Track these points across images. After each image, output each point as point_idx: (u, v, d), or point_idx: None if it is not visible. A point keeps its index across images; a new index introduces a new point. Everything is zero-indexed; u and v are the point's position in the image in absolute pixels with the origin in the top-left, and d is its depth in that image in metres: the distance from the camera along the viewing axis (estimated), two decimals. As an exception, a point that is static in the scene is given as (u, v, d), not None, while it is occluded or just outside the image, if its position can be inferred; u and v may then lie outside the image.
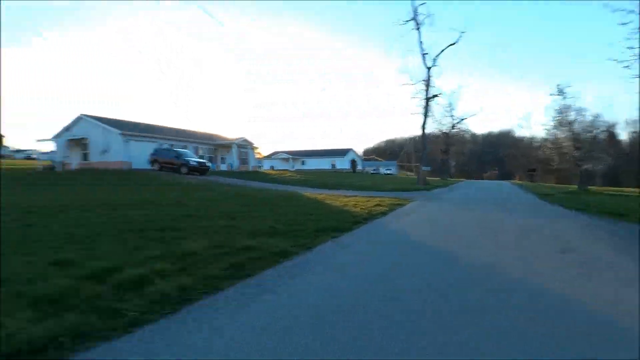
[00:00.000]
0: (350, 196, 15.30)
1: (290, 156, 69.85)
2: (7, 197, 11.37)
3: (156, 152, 28.14)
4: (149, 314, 2.88)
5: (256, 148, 46.48)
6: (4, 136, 59.82)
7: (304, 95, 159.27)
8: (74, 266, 3.87)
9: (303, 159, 69.75)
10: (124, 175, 23.20)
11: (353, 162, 65.38)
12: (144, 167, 27.79)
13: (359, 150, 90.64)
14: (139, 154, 28.55)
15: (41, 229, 6.14)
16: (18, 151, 55.55)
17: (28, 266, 3.84)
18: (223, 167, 37.63)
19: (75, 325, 2.51)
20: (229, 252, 4.82)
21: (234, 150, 39.57)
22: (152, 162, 27.69)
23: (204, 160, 28.83)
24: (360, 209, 10.49)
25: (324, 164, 67.13)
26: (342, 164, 66.44)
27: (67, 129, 31.36)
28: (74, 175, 24.09)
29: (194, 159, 27.65)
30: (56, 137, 31.68)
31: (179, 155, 27.26)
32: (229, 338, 2.52)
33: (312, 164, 67.19)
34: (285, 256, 4.84)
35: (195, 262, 4.32)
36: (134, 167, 28.11)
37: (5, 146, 56.35)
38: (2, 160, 39.40)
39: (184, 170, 26.11)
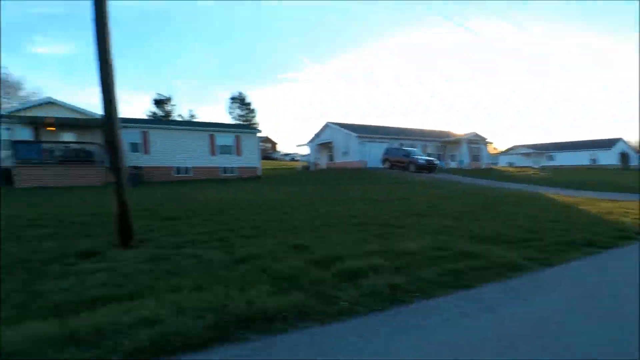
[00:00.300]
0: (617, 201, 11.73)
1: (533, 150, 60.07)
2: (275, 195, 14.63)
3: (387, 151, 30.13)
4: (358, 306, 2.98)
5: (490, 143, 42.54)
6: (276, 143, 78.62)
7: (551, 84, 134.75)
8: (307, 251, 4.51)
9: (550, 153, 58.67)
10: (360, 174, 25.87)
11: (624, 156, 50.63)
12: (377, 165, 30.26)
13: (633, 139, 69.01)
14: (373, 154, 31.39)
15: (291, 218, 7.52)
16: (286, 154, 71.48)
17: (276, 247, 4.73)
18: (452, 165, 36.43)
19: (299, 304, 2.86)
20: (447, 257, 4.49)
21: (464, 146, 37.62)
22: (384, 160, 29.78)
23: (431, 158, 28.70)
24: (632, 219, 7.79)
25: (579, 158, 54.43)
26: (607, 158, 52.15)
27: (317, 135, 37.93)
28: (321, 174, 28.68)
29: (421, 157, 27.97)
30: (310, 142, 38.89)
31: (407, 154, 28.22)
32: (433, 354, 2.28)
33: (563, 159, 55.67)
34: (515, 270, 4.09)
35: (411, 262, 4.22)
36: (368, 165, 31.05)
37: (277, 151, 74.11)
38: (275, 162, 51.74)
39: (412, 168, 26.82)
